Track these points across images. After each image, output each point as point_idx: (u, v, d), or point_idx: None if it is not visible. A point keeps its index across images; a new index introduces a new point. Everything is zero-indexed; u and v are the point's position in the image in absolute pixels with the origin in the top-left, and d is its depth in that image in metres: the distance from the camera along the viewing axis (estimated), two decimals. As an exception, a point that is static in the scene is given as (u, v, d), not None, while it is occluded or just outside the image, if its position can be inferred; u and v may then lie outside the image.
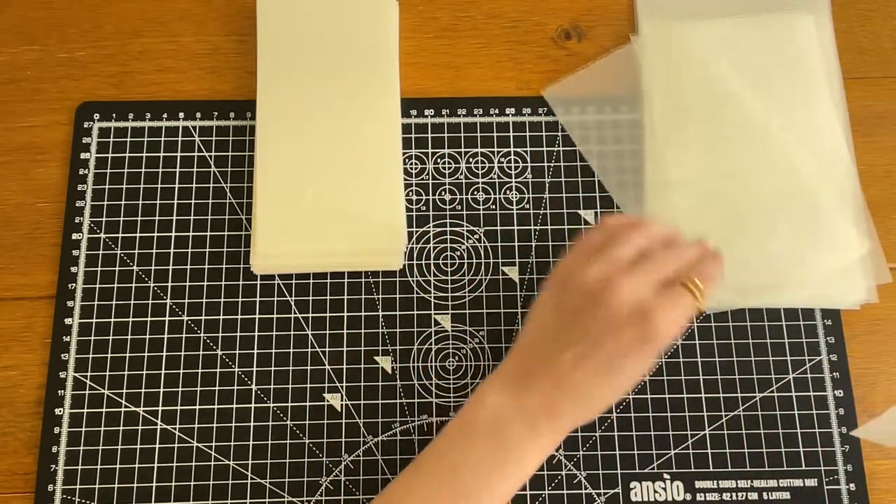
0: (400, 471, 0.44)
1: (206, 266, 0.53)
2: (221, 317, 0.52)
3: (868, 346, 0.53)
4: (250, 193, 0.55)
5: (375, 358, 0.52)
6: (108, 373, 0.51)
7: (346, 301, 0.53)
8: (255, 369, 0.51)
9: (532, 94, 0.58)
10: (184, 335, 0.52)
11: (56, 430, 0.50)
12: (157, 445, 0.50)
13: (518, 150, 0.57)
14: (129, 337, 0.52)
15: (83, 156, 0.56)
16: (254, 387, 0.51)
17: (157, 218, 0.54)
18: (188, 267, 0.53)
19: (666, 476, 0.50)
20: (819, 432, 0.51)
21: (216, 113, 0.57)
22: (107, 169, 0.55)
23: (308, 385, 0.51)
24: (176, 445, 0.50)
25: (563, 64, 0.59)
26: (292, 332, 0.52)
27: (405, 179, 0.56)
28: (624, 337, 0.41)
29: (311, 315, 0.53)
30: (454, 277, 0.54)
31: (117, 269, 0.53)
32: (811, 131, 0.56)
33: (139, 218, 0.54)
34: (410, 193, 0.56)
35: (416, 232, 0.55)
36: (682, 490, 0.49)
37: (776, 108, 0.56)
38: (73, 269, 0.53)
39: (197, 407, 0.51)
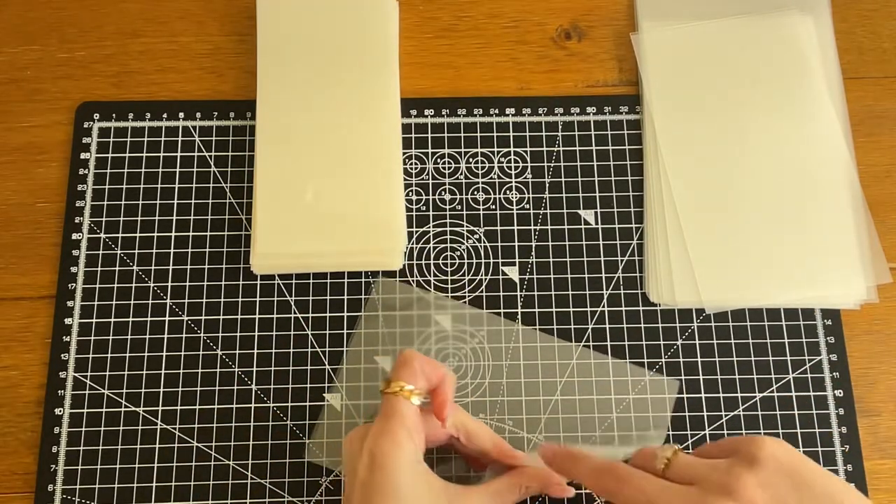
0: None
1: (206, 266, 0.53)
2: (221, 317, 0.52)
3: (868, 346, 0.53)
4: (250, 193, 0.55)
5: (375, 358, 0.52)
6: (108, 373, 0.51)
7: (346, 301, 0.53)
8: (255, 369, 0.51)
9: (532, 94, 0.58)
10: (184, 335, 0.52)
11: (56, 430, 0.50)
12: (157, 445, 0.50)
13: (518, 150, 0.57)
14: (129, 337, 0.52)
15: (83, 156, 0.56)
16: (254, 387, 0.51)
17: (157, 218, 0.54)
18: (188, 267, 0.53)
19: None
20: (819, 432, 0.51)
21: (216, 113, 0.57)
22: (107, 169, 0.55)
23: (308, 385, 0.51)
24: (176, 445, 0.50)
25: (563, 64, 0.59)
26: (292, 332, 0.52)
27: (405, 179, 0.56)
28: (359, 471, 0.40)
29: (311, 315, 0.53)
30: (454, 277, 0.54)
31: (117, 269, 0.53)
32: (811, 131, 0.56)
33: (139, 218, 0.54)
34: (410, 193, 0.56)
35: (416, 232, 0.55)
36: (682, 490, 0.49)
37: (776, 107, 0.56)
38: (73, 269, 0.53)
39: (197, 407, 0.51)
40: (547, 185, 0.56)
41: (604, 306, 0.53)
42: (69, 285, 0.53)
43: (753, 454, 0.37)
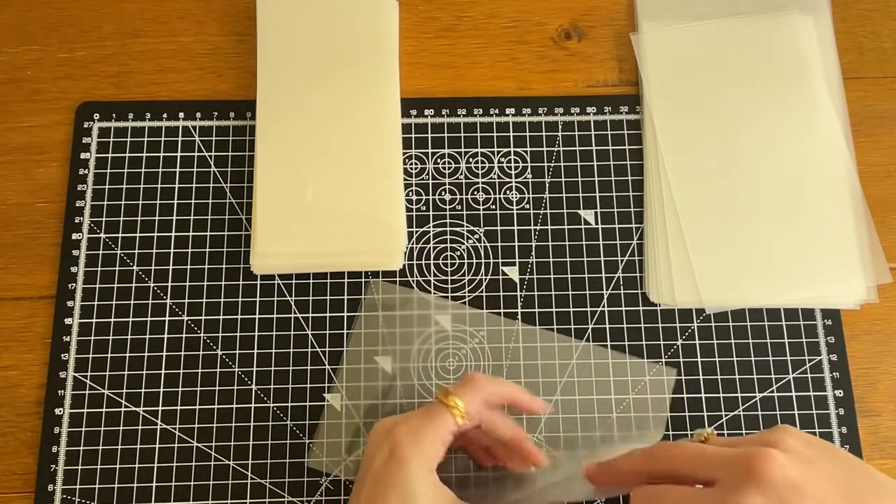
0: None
1: (206, 266, 0.53)
2: (221, 317, 0.52)
3: (868, 346, 0.53)
4: (250, 193, 0.55)
5: (375, 358, 0.52)
6: (108, 373, 0.51)
7: (346, 301, 0.53)
8: (255, 369, 0.51)
9: (532, 94, 0.58)
10: (184, 335, 0.52)
11: (56, 430, 0.50)
12: (157, 445, 0.50)
13: (518, 150, 0.57)
14: (129, 337, 0.52)
15: (83, 156, 0.56)
16: (254, 387, 0.51)
17: (157, 218, 0.54)
18: (188, 267, 0.53)
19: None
20: (819, 432, 0.51)
21: (216, 113, 0.57)
22: (107, 169, 0.55)
23: (308, 385, 0.51)
24: (176, 445, 0.50)
25: (563, 64, 0.59)
26: (292, 332, 0.52)
27: (405, 179, 0.56)
28: (376, 459, 0.40)
29: (311, 315, 0.53)
30: (454, 277, 0.54)
31: (117, 269, 0.53)
32: (811, 131, 0.56)
33: (139, 218, 0.54)
34: (410, 193, 0.56)
35: (416, 232, 0.55)
36: (682, 490, 0.49)
37: (776, 108, 0.56)
38: (73, 269, 0.53)
39: (197, 407, 0.51)
40: (547, 185, 0.56)
41: (604, 306, 0.53)
42: (69, 285, 0.53)
43: (785, 428, 0.38)
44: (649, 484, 0.39)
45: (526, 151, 0.57)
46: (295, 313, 0.53)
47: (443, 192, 0.56)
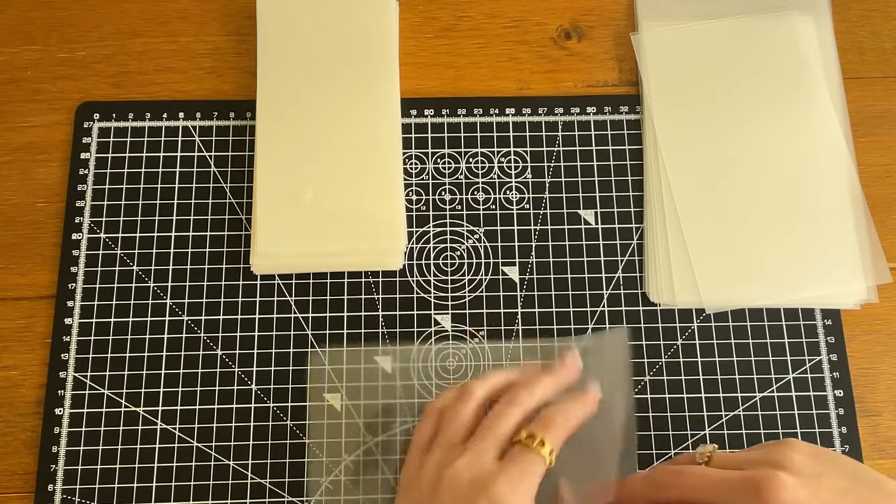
0: (399, 470, 0.43)
1: (206, 266, 0.53)
2: (221, 317, 0.52)
3: (868, 346, 0.53)
4: (250, 193, 0.55)
5: (375, 358, 0.52)
6: (108, 373, 0.51)
7: (346, 301, 0.53)
8: (255, 369, 0.51)
9: (532, 94, 0.58)
10: (184, 335, 0.52)
11: (56, 430, 0.50)
12: (157, 445, 0.50)
13: (518, 150, 0.57)
14: (129, 337, 0.52)
15: (83, 156, 0.56)
16: (254, 387, 0.51)
17: (157, 218, 0.54)
18: (188, 267, 0.53)
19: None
20: (819, 432, 0.51)
21: (216, 113, 0.57)
22: (107, 169, 0.55)
23: (308, 385, 0.51)
24: (176, 445, 0.50)
25: (563, 64, 0.59)
26: (292, 332, 0.52)
27: (405, 179, 0.56)
28: None
29: (311, 315, 0.53)
30: (454, 277, 0.54)
31: (117, 269, 0.53)
32: (811, 131, 0.56)
33: (139, 218, 0.54)
34: (410, 193, 0.56)
35: (416, 232, 0.55)
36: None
37: (776, 108, 0.56)
38: (73, 269, 0.53)
39: (197, 407, 0.51)
40: (547, 185, 0.56)
41: (604, 306, 0.53)
42: (69, 285, 0.53)
43: (789, 443, 0.38)
44: None
45: (526, 151, 0.57)
46: (295, 313, 0.53)
47: (443, 192, 0.56)
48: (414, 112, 0.57)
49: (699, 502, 0.37)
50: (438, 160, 0.56)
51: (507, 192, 0.56)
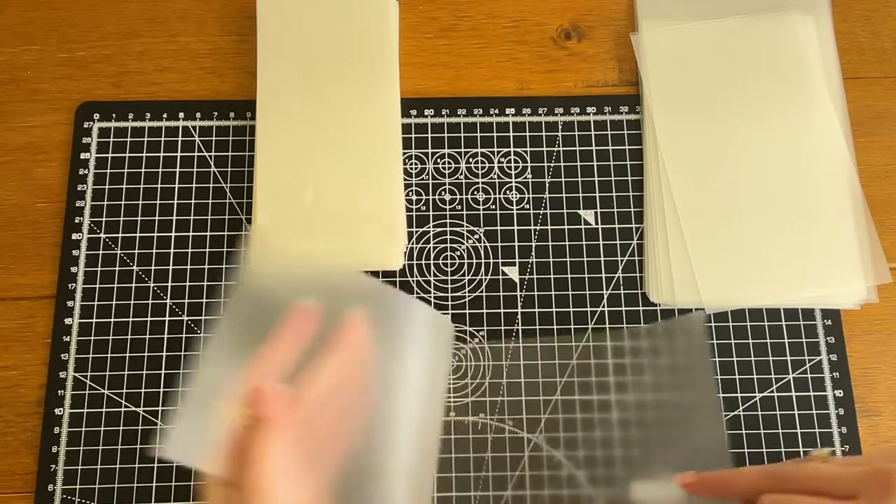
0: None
1: (206, 266, 0.53)
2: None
3: (868, 346, 0.53)
4: (250, 193, 0.55)
5: (375, 358, 0.52)
6: (108, 373, 0.51)
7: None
8: (255, 369, 0.51)
9: (532, 94, 0.58)
10: (184, 335, 0.52)
11: (56, 430, 0.50)
12: (158, 446, 0.50)
13: (518, 150, 0.57)
14: (129, 337, 0.52)
15: (83, 156, 0.56)
16: (254, 387, 0.51)
17: (157, 218, 0.54)
18: (188, 267, 0.53)
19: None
20: (819, 432, 0.51)
21: (216, 113, 0.57)
22: (107, 169, 0.55)
23: (308, 385, 0.51)
24: (176, 445, 0.50)
25: (563, 64, 0.59)
26: (292, 332, 0.52)
27: (405, 179, 0.56)
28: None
29: (311, 315, 0.52)
30: (454, 277, 0.54)
31: (117, 269, 0.53)
32: (811, 131, 0.56)
33: (139, 218, 0.54)
34: (410, 193, 0.56)
35: (416, 232, 0.55)
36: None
37: (776, 107, 0.56)
38: (73, 269, 0.53)
39: (197, 407, 0.51)
40: (547, 185, 0.56)
41: (604, 306, 0.53)
42: (69, 285, 0.53)
43: None
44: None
45: (526, 151, 0.57)
46: (295, 313, 0.53)
47: (443, 192, 0.56)
48: (414, 112, 0.57)
49: (829, 493, 0.38)
50: (438, 160, 0.56)
51: (507, 192, 0.56)
